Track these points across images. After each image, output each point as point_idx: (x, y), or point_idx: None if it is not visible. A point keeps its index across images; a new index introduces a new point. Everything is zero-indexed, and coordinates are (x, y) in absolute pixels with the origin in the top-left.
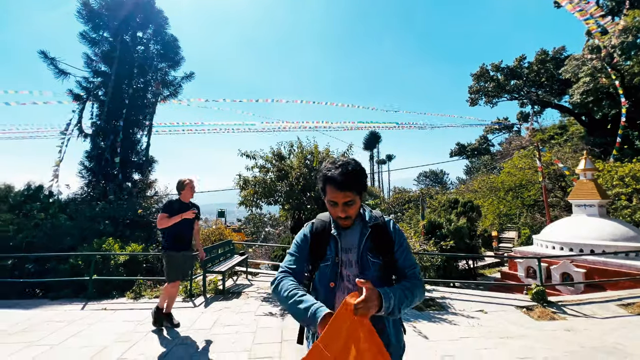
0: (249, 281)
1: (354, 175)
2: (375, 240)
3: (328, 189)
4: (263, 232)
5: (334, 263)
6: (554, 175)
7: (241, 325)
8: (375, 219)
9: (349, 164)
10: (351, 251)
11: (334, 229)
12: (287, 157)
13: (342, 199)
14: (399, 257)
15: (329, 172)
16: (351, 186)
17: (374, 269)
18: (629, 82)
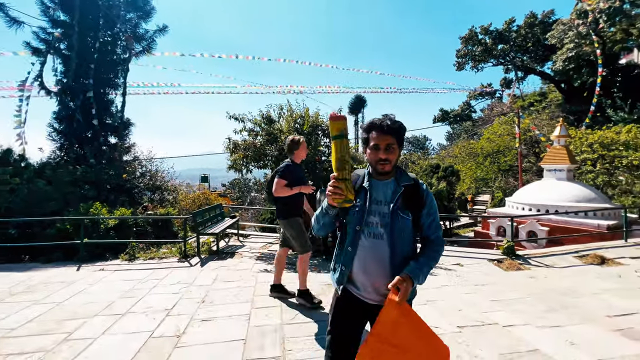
0: (241, 242)
1: (396, 123)
2: (407, 199)
3: (372, 135)
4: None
5: (362, 210)
6: (530, 141)
7: (241, 281)
8: (408, 180)
9: (390, 116)
10: (381, 203)
11: (366, 182)
12: (277, 121)
13: (384, 141)
14: (426, 219)
15: (373, 121)
16: (393, 131)
17: (403, 223)
18: (610, 49)
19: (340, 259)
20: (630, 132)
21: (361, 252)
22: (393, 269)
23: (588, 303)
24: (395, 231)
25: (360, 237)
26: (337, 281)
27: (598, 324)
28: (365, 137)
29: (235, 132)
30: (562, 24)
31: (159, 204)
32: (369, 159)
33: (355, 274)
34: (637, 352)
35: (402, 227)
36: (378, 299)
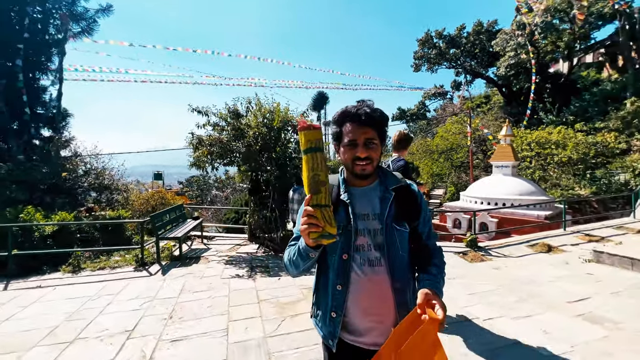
0: (206, 245)
1: (376, 111)
2: (401, 206)
3: (346, 128)
4: (209, 195)
5: (345, 231)
6: (479, 140)
7: (212, 290)
8: (397, 181)
9: (368, 102)
10: (369, 218)
11: (344, 193)
12: (245, 115)
13: (363, 135)
14: (424, 227)
15: (346, 109)
16: (372, 122)
17: (400, 238)
18: (542, 59)
19: (326, 303)
20: (560, 133)
21: (355, 288)
22: (397, 299)
23: (548, 291)
24: (393, 251)
25: (350, 268)
26: (328, 334)
27: (561, 311)
28: (338, 131)
29: (198, 126)
30: (505, 33)
31: (107, 206)
32: (344, 160)
33: (352, 317)
34: (600, 335)
35: (401, 244)
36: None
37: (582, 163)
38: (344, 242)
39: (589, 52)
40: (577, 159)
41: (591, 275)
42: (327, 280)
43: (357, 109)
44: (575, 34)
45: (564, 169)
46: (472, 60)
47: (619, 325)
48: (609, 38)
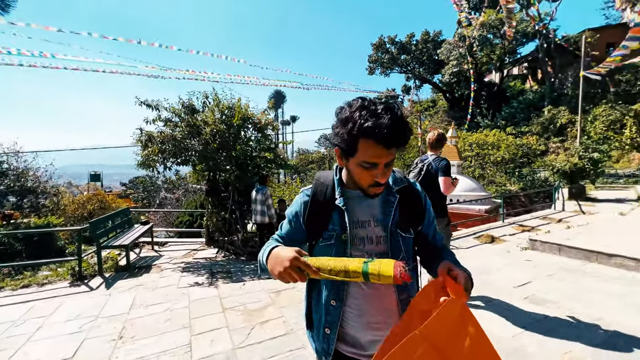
0: (157, 252)
1: (405, 128)
2: (406, 210)
3: (364, 145)
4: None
5: (340, 241)
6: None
7: (169, 302)
8: (401, 181)
9: (394, 109)
10: (369, 225)
11: (339, 197)
12: (201, 111)
13: (387, 157)
14: (429, 228)
15: (367, 121)
16: (400, 140)
17: (406, 247)
18: (479, 69)
19: (319, 317)
20: (494, 135)
21: (356, 303)
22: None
23: (497, 278)
24: (398, 257)
25: (346, 286)
26: (322, 350)
27: (511, 295)
28: (351, 143)
29: (147, 122)
30: (449, 43)
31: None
32: (354, 176)
33: (351, 330)
34: (543, 314)
35: (407, 253)
36: None
37: (512, 162)
38: (337, 252)
39: (516, 65)
40: (508, 158)
41: (529, 261)
42: (320, 293)
43: (387, 127)
44: (505, 48)
45: (498, 167)
46: (421, 66)
47: (557, 305)
48: (531, 54)
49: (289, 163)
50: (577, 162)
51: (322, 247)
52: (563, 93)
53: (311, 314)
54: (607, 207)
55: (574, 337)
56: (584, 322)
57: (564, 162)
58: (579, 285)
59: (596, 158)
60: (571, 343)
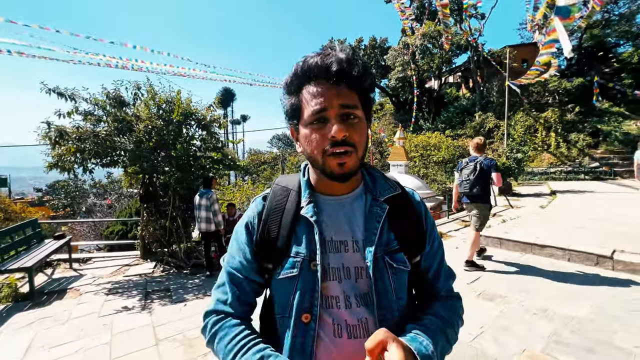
0: (77, 271)
1: (355, 60)
2: (398, 227)
3: (308, 92)
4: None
5: (307, 271)
6: (377, 142)
7: (84, 338)
8: (391, 188)
9: (342, 47)
10: (347, 248)
11: (306, 204)
12: (132, 104)
13: (337, 100)
14: (430, 258)
15: (307, 59)
16: (353, 79)
17: (398, 283)
18: (421, 75)
19: None
20: (436, 137)
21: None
22: None
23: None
24: (385, 305)
25: (316, 334)
26: None
27: (465, 292)
28: (295, 102)
29: (59, 114)
30: (394, 50)
31: None
32: (309, 150)
33: None
34: (497, 311)
35: (397, 291)
36: None
37: (451, 162)
38: (304, 289)
39: (452, 74)
40: (448, 158)
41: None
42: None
43: (325, 56)
44: (442, 58)
45: (440, 167)
46: None
47: (506, 299)
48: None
49: (239, 164)
50: (505, 162)
51: (281, 282)
52: (490, 100)
53: None
54: (529, 201)
55: (527, 333)
56: (532, 315)
57: None
58: (521, 277)
59: (519, 158)
60: (526, 339)
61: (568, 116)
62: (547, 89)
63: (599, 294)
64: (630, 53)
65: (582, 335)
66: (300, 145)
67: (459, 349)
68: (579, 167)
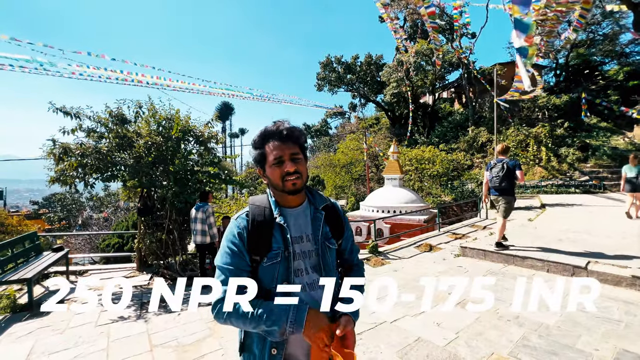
0: (73, 283)
1: (295, 129)
2: (330, 224)
3: (269, 147)
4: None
5: (283, 258)
6: (372, 155)
7: (82, 345)
8: (325, 201)
9: (285, 122)
10: (303, 240)
11: (277, 215)
12: (133, 121)
13: (288, 150)
14: (347, 243)
15: (266, 129)
16: (295, 138)
17: (332, 256)
18: (415, 91)
19: (263, 339)
20: (430, 151)
21: None
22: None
23: (435, 285)
24: (327, 270)
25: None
26: None
27: (446, 302)
28: (260, 153)
29: (64, 132)
30: (389, 67)
31: None
32: (272, 180)
33: (293, 348)
34: (473, 318)
35: (332, 261)
36: None
37: (445, 176)
38: (283, 269)
39: (445, 89)
40: (442, 172)
41: (460, 267)
42: None
43: (277, 127)
44: (436, 75)
45: (434, 180)
46: (365, 86)
47: (484, 307)
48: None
49: (234, 178)
50: None
51: (268, 268)
52: (482, 116)
53: (246, 338)
54: (519, 214)
55: (498, 338)
56: (505, 322)
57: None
58: (501, 287)
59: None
60: (497, 343)
61: (558, 131)
62: (537, 105)
63: (571, 302)
64: (615, 70)
65: (548, 340)
66: (265, 178)
67: (433, 352)
68: (569, 180)
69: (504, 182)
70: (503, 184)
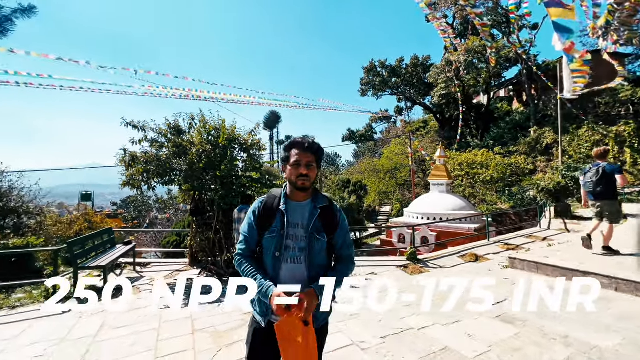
0: (138, 273)
1: (316, 144)
2: (323, 220)
3: (293, 152)
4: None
5: (279, 235)
6: (419, 160)
7: (139, 324)
8: (324, 201)
9: (311, 137)
10: (298, 226)
11: (282, 204)
12: (187, 132)
13: (305, 158)
14: (339, 239)
15: (294, 139)
16: (313, 150)
17: (319, 245)
18: (467, 91)
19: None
20: (483, 155)
21: (282, 278)
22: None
23: (475, 297)
24: (313, 254)
25: (280, 263)
26: (261, 314)
27: (483, 314)
28: (286, 155)
29: (133, 142)
30: (436, 67)
31: (13, 233)
32: (289, 176)
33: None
34: (512, 333)
35: (319, 249)
36: None
37: (501, 181)
38: (277, 243)
39: (502, 87)
40: (497, 177)
41: (507, 279)
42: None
43: (302, 139)
44: (490, 72)
45: (488, 186)
46: (411, 89)
47: (526, 323)
48: (515, 77)
49: (275, 182)
50: (561, 181)
51: (268, 238)
52: (547, 114)
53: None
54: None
55: (538, 356)
56: (549, 340)
57: (548, 181)
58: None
59: (578, 177)
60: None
61: None
62: (618, 100)
63: (635, 326)
64: None
65: None
66: (285, 173)
67: None
68: None
69: (598, 186)
70: (598, 188)
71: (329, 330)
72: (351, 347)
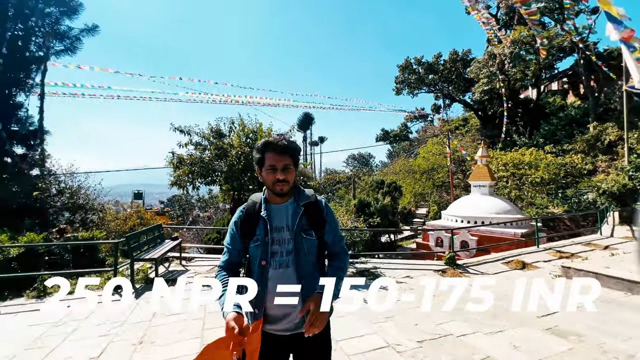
0: (184, 267)
1: (292, 144)
2: (309, 218)
3: (267, 156)
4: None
5: (263, 242)
6: (458, 160)
7: (187, 313)
8: (307, 198)
9: (285, 136)
10: (282, 230)
11: (263, 210)
12: (227, 135)
13: (281, 162)
14: (329, 235)
15: (268, 140)
16: (289, 152)
17: (308, 244)
18: (513, 86)
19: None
20: (532, 154)
21: (271, 286)
22: (303, 291)
23: (520, 306)
24: (301, 255)
25: (268, 271)
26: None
27: (531, 325)
28: (260, 157)
29: (179, 145)
30: (478, 62)
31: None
32: (265, 181)
33: (270, 310)
34: (565, 348)
35: (308, 249)
36: (292, 327)
37: (553, 183)
38: (263, 251)
39: (554, 80)
40: (548, 179)
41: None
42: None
43: (277, 141)
44: (541, 64)
45: (538, 188)
46: (450, 85)
47: (582, 338)
48: (571, 68)
49: (310, 183)
50: (627, 183)
51: (253, 247)
52: (610, 108)
53: None
54: None
55: None
56: (611, 359)
57: (611, 182)
58: (613, 319)
59: None
60: None
61: None
62: None
63: None
64: None
65: None
66: (261, 177)
67: None
68: None
69: None
70: None
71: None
72: (386, 348)
